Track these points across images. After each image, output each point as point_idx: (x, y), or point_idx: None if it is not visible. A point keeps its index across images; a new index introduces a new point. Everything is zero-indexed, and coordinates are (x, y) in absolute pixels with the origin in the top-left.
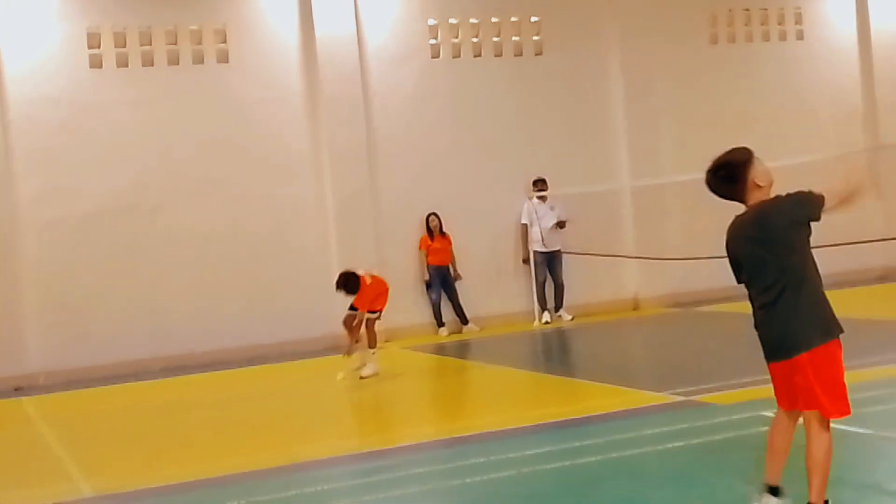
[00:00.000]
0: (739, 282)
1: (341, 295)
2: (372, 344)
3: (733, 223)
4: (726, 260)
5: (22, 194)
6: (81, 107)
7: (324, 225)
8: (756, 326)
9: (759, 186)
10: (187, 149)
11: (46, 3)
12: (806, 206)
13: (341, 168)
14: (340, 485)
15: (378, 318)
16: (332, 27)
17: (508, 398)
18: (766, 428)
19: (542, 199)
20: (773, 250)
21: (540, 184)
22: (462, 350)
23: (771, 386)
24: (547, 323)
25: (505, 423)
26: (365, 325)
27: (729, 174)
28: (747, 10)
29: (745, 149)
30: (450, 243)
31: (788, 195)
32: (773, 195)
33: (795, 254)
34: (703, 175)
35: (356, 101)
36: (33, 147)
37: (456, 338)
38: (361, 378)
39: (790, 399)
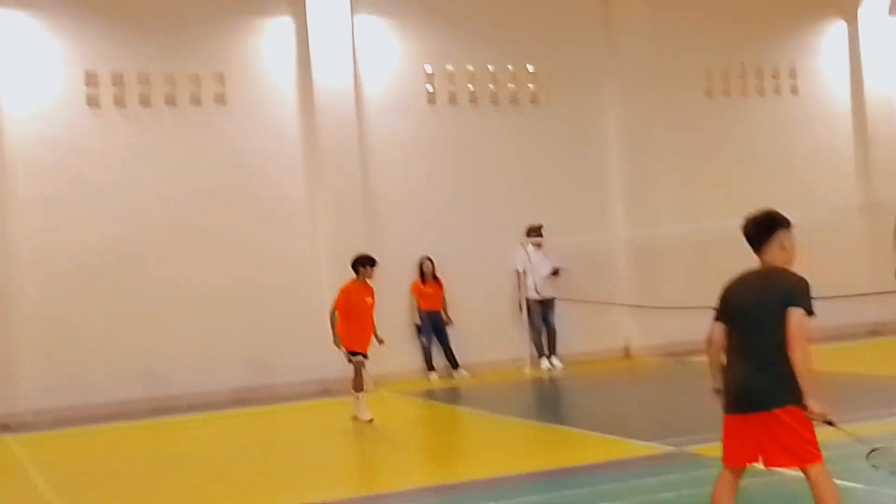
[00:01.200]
0: (716, 319)
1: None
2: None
3: (742, 274)
4: None
5: (18, 236)
6: (80, 150)
7: (317, 272)
8: (726, 372)
9: (783, 248)
10: (183, 195)
11: (46, 47)
12: (805, 301)
13: (336, 214)
14: None
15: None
16: (330, 75)
17: (499, 446)
18: (757, 479)
19: (538, 246)
20: (770, 311)
21: (534, 231)
22: (452, 396)
23: None
24: (550, 369)
25: (495, 471)
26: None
27: (767, 225)
28: (743, 64)
29: (787, 217)
30: (442, 288)
31: (802, 281)
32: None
33: (783, 326)
34: (697, 226)
35: (353, 149)
36: (30, 190)
37: (446, 384)
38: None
39: (744, 455)
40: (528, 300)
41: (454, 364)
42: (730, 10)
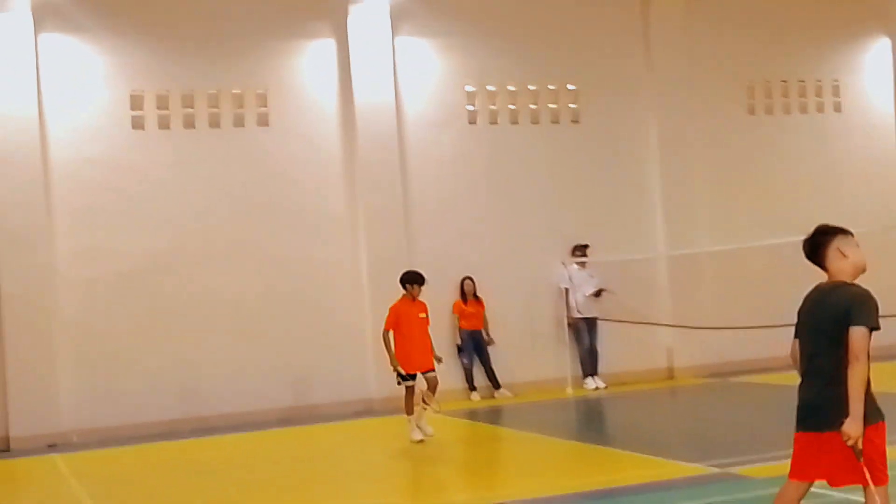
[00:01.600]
0: (796, 336)
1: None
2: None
3: (812, 289)
4: (762, 330)
5: (61, 252)
6: (122, 168)
7: (358, 288)
8: (799, 388)
9: (843, 256)
10: (224, 210)
11: (91, 67)
12: (863, 317)
13: (376, 232)
14: None
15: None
16: (371, 93)
17: (541, 466)
18: (804, 502)
19: (582, 265)
20: (826, 328)
21: (579, 250)
22: (494, 416)
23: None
24: (597, 389)
25: (538, 491)
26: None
27: (819, 238)
28: (785, 81)
29: (840, 227)
30: (483, 307)
31: (860, 296)
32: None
33: (840, 344)
34: (738, 245)
35: (393, 166)
36: (74, 206)
37: (488, 403)
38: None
39: (810, 471)
40: (572, 318)
41: (496, 384)
42: (770, 26)
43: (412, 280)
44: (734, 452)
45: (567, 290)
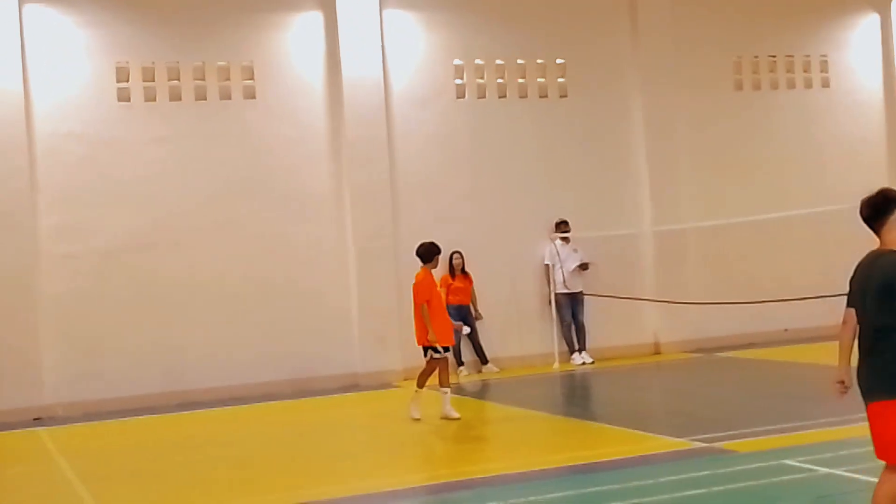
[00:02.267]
0: (848, 306)
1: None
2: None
3: (864, 256)
4: (748, 306)
5: (43, 228)
6: (107, 143)
7: (344, 265)
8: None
9: None
10: (209, 186)
11: (76, 39)
12: None
13: (363, 208)
14: None
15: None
16: (358, 67)
17: (527, 441)
18: (787, 477)
19: (565, 240)
20: (872, 296)
21: (562, 226)
22: (481, 391)
23: (794, 434)
24: (584, 364)
25: (523, 465)
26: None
27: (882, 204)
28: (773, 57)
29: None
30: (471, 283)
31: None
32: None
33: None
34: (724, 221)
35: (380, 142)
36: (58, 182)
37: (475, 378)
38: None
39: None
40: (556, 294)
41: (483, 359)
42: (759, 1)
43: (437, 251)
44: (719, 427)
45: (552, 265)
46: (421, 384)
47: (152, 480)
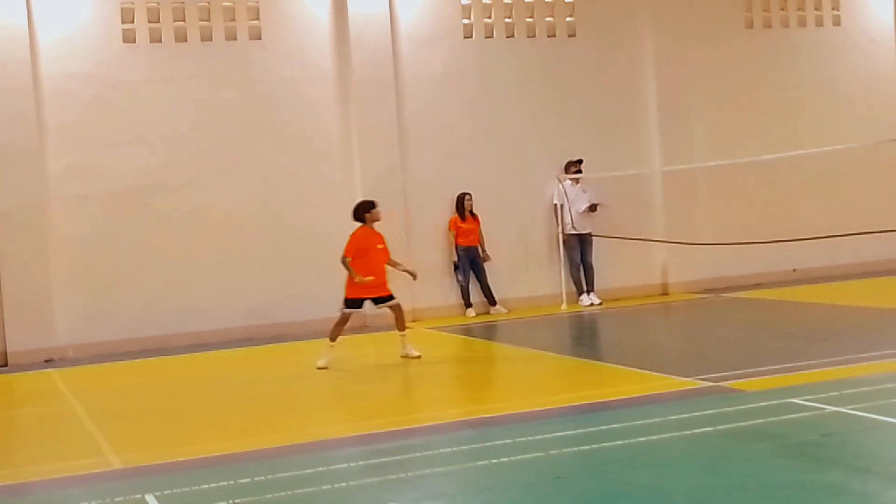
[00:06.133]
0: None
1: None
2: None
3: None
4: (757, 246)
5: (53, 169)
6: (113, 83)
7: (352, 205)
8: None
9: None
10: (217, 127)
11: None
12: None
13: (371, 149)
14: (365, 463)
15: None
16: (364, 6)
17: (535, 381)
18: (793, 416)
19: (576, 181)
20: None
21: (575, 164)
22: (489, 332)
23: (800, 373)
24: (589, 305)
25: (532, 405)
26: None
27: None
28: None
29: None
30: (479, 224)
31: None
32: None
33: None
34: (734, 160)
35: (387, 82)
36: (65, 123)
37: (483, 319)
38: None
39: None
40: (565, 235)
41: (491, 300)
42: None
43: (368, 207)
44: (726, 367)
45: (561, 206)
46: (333, 337)
47: (164, 420)
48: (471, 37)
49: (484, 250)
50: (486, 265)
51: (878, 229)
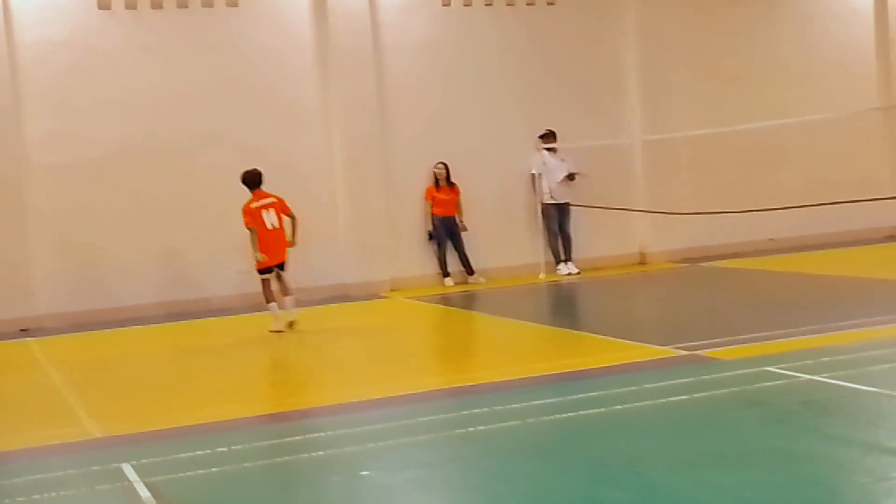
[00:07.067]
0: None
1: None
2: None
3: None
4: (734, 216)
5: (30, 138)
6: (90, 50)
7: (331, 174)
8: None
9: None
10: (195, 95)
11: None
12: None
13: (350, 117)
14: (344, 432)
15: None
16: None
17: (513, 350)
18: (770, 384)
19: (554, 150)
20: None
21: (548, 137)
22: (467, 301)
23: (777, 342)
24: (570, 274)
25: (509, 374)
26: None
27: None
28: None
29: None
30: (458, 194)
31: None
32: None
33: None
34: (714, 130)
35: (366, 50)
36: (42, 90)
37: (461, 289)
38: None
39: None
40: (543, 205)
41: (469, 270)
42: None
43: (250, 177)
44: (702, 335)
45: (539, 175)
46: (268, 299)
47: (142, 389)
48: (450, 5)
49: (461, 220)
50: (464, 234)
51: (856, 198)
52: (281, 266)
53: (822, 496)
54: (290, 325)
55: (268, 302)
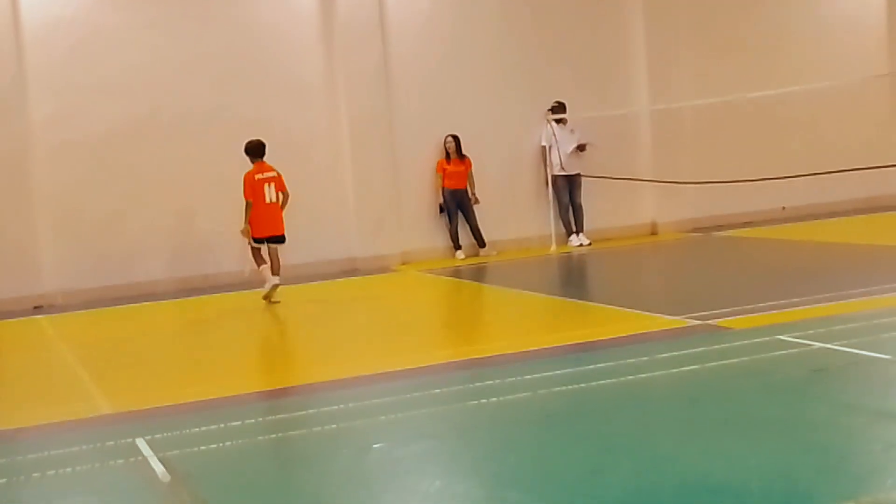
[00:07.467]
0: None
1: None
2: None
3: None
4: (745, 184)
5: (35, 117)
6: (94, 28)
7: (338, 150)
8: None
9: None
10: (201, 72)
11: None
12: None
13: (356, 92)
14: (356, 405)
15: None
16: None
17: (524, 321)
18: (781, 352)
19: (561, 122)
20: None
21: (558, 109)
22: (478, 274)
23: (788, 310)
24: (578, 246)
25: (521, 345)
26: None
27: None
28: None
29: None
30: (469, 166)
31: None
32: None
33: None
34: (722, 98)
35: (372, 24)
36: (46, 69)
37: (473, 261)
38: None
39: None
40: (553, 177)
41: (481, 242)
42: None
43: (252, 147)
44: (714, 305)
45: (549, 147)
46: (259, 263)
47: (154, 365)
48: None
49: (473, 193)
50: (475, 208)
51: (866, 166)
52: (275, 240)
53: (834, 463)
54: (267, 297)
55: (258, 266)
